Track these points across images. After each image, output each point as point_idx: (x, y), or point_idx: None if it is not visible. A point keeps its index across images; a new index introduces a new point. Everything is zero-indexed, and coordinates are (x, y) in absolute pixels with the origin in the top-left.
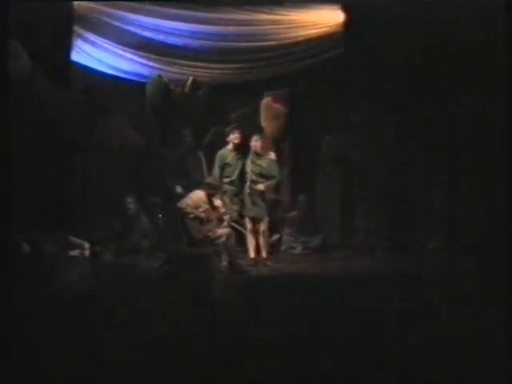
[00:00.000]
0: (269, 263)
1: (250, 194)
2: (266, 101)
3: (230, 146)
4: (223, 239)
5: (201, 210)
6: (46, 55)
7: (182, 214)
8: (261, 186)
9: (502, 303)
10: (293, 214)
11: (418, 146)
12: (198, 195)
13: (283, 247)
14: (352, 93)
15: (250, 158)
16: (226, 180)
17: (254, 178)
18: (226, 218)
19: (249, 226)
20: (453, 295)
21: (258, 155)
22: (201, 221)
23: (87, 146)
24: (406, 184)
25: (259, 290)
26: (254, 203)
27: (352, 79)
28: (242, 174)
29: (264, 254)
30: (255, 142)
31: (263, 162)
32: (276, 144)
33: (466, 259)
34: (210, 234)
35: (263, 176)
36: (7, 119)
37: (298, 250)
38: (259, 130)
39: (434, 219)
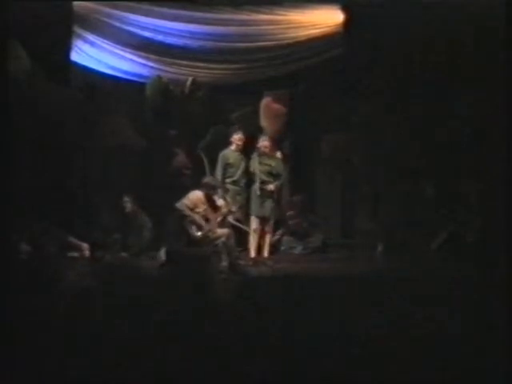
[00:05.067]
0: (269, 263)
1: (260, 194)
2: (265, 101)
3: (232, 147)
4: (223, 239)
5: (199, 210)
6: (45, 55)
7: (180, 216)
8: (271, 187)
9: (503, 303)
10: (291, 213)
11: (418, 145)
12: (197, 195)
13: (283, 247)
14: (352, 93)
15: (257, 158)
16: (228, 180)
17: (264, 178)
18: (229, 217)
19: (254, 225)
20: (453, 295)
21: (266, 155)
22: (199, 222)
23: (87, 147)
24: (406, 184)
25: (259, 290)
26: (262, 203)
27: (352, 79)
28: (245, 174)
29: (266, 254)
30: (263, 142)
31: (272, 162)
32: (276, 144)
33: (467, 259)
34: (209, 234)
35: (273, 175)
36: (7, 119)
37: (298, 250)
38: (259, 130)
39: (436, 218)
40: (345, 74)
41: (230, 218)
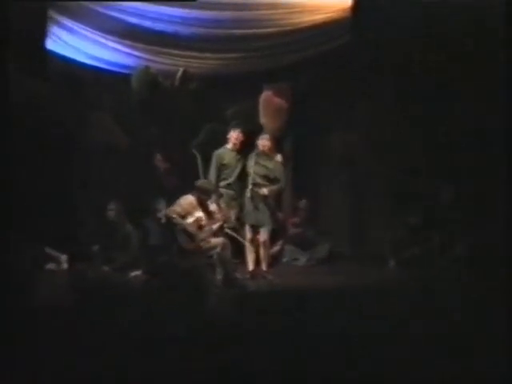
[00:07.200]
0: (269, 277)
1: (251, 198)
2: (265, 95)
3: (229, 145)
4: (218, 250)
5: (191, 218)
6: (17, 44)
7: (170, 224)
8: (264, 190)
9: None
10: (294, 220)
11: (435, 143)
12: (189, 201)
13: (285, 259)
14: (361, 85)
15: (254, 158)
16: (222, 183)
17: (258, 180)
18: (223, 225)
19: (248, 234)
20: (471, 311)
21: (265, 155)
22: (191, 231)
23: (65, 146)
24: (420, 187)
25: (258, 306)
26: (255, 209)
27: (361, 70)
28: (242, 176)
29: (264, 267)
30: (263, 141)
31: (269, 164)
32: (277, 143)
33: (486, 271)
34: (202, 244)
35: (268, 179)
36: None
37: (302, 261)
38: (258, 128)
39: (455, 228)
40: (354, 64)
41: (225, 227)
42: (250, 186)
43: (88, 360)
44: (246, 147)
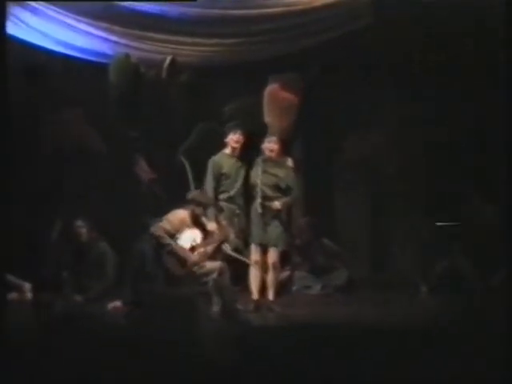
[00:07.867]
0: (277, 308)
1: (261, 213)
2: (270, 88)
3: (227, 150)
4: (214, 276)
5: (182, 236)
6: None
7: (157, 244)
8: (277, 204)
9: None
10: (298, 242)
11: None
12: (179, 216)
13: (295, 286)
14: (384, 77)
15: (261, 165)
16: (222, 196)
17: (267, 192)
18: (224, 246)
19: (255, 256)
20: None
21: (273, 162)
22: (182, 253)
23: (27, 150)
24: (455, 199)
25: (262, 344)
26: (265, 226)
27: (383, 59)
28: (245, 187)
29: (271, 296)
30: (269, 144)
31: (279, 171)
32: (285, 147)
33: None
34: (196, 268)
35: (280, 189)
36: None
37: (316, 289)
38: (262, 128)
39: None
40: (374, 52)
41: (226, 247)
42: (259, 200)
43: None
44: (248, 152)
